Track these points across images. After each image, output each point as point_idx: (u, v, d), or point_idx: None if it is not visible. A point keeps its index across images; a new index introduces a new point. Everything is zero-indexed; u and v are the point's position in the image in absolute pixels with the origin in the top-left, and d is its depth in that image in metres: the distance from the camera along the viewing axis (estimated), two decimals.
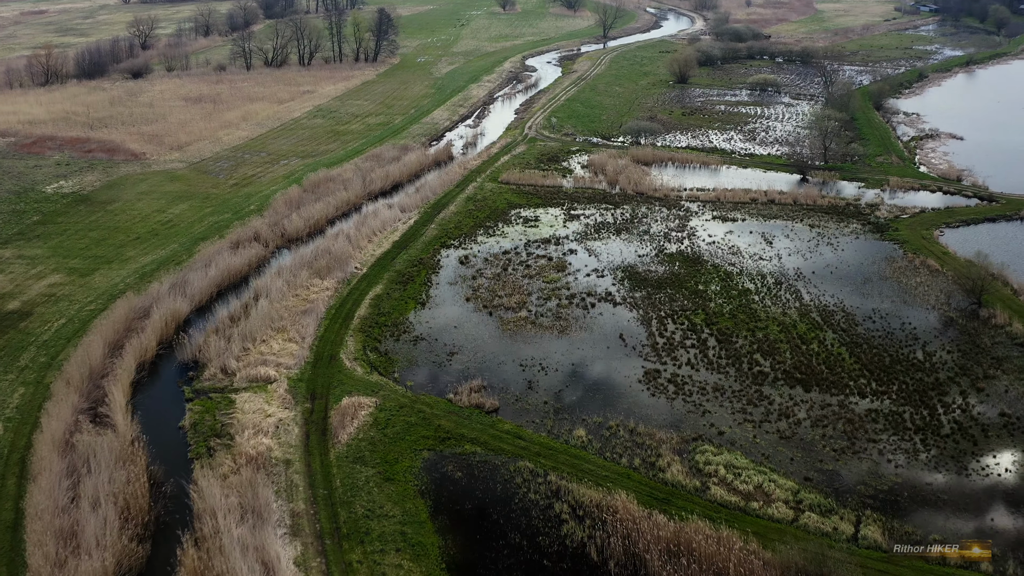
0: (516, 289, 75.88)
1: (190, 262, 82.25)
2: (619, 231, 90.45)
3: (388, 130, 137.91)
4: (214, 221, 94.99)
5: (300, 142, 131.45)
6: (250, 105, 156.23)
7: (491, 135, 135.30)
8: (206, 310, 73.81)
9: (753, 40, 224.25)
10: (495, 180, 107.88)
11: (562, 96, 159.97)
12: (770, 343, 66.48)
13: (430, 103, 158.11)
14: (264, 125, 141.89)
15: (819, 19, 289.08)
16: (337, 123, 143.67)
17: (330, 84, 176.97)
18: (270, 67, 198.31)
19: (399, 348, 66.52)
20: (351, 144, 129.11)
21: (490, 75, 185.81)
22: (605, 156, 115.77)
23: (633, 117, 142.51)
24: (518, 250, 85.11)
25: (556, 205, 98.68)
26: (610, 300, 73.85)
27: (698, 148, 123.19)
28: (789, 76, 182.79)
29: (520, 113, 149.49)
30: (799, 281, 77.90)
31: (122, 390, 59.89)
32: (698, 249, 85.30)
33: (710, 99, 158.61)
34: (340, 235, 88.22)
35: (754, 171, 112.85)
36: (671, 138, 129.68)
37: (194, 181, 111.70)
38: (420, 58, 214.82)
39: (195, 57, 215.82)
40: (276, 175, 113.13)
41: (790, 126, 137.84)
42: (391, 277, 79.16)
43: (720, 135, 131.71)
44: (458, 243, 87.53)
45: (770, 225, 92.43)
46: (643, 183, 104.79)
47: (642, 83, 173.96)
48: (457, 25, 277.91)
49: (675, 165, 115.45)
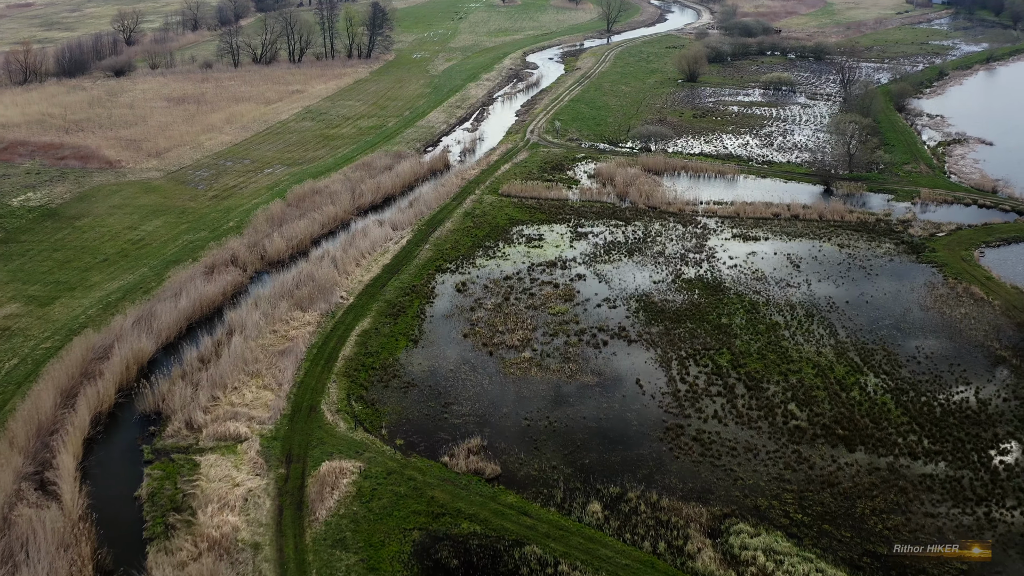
0: (519, 323, 68.82)
1: (159, 290, 75.20)
2: (631, 252, 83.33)
3: (381, 134, 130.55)
4: (189, 240, 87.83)
5: (287, 148, 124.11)
6: (235, 106, 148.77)
7: (491, 140, 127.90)
8: (174, 348, 66.81)
9: (763, 35, 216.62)
10: (495, 192, 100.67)
11: (565, 96, 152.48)
12: (806, 390, 59.49)
13: (426, 104, 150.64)
14: (249, 129, 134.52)
15: (829, 12, 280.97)
16: (327, 126, 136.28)
17: (321, 83, 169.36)
18: (259, 64, 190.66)
19: (388, 396, 59.48)
20: (341, 150, 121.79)
21: (489, 73, 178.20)
22: (613, 165, 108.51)
23: (641, 120, 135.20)
24: (521, 275, 78.02)
25: (561, 221, 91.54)
26: (624, 337, 66.81)
27: (712, 155, 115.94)
28: (803, 74, 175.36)
29: (521, 115, 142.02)
30: (832, 312, 70.87)
31: (73, 451, 53.01)
32: (719, 274, 78.21)
33: (722, 99, 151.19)
34: (325, 258, 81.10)
35: (774, 181, 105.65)
36: (683, 143, 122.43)
37: (171, 193, 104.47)
38: (416, 54, 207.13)
39: (181, 54, 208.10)
40: (259, 186, 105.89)
41: (808, 130, 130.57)
42: (380, 308, 72.05)
43: (735, 140, 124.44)
44: (455, 266, 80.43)
45: (796, 245, 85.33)
46: (655, 195, 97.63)
47: (649, 81, 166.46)
48: (455, 18, 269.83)
49: (689, 174, 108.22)
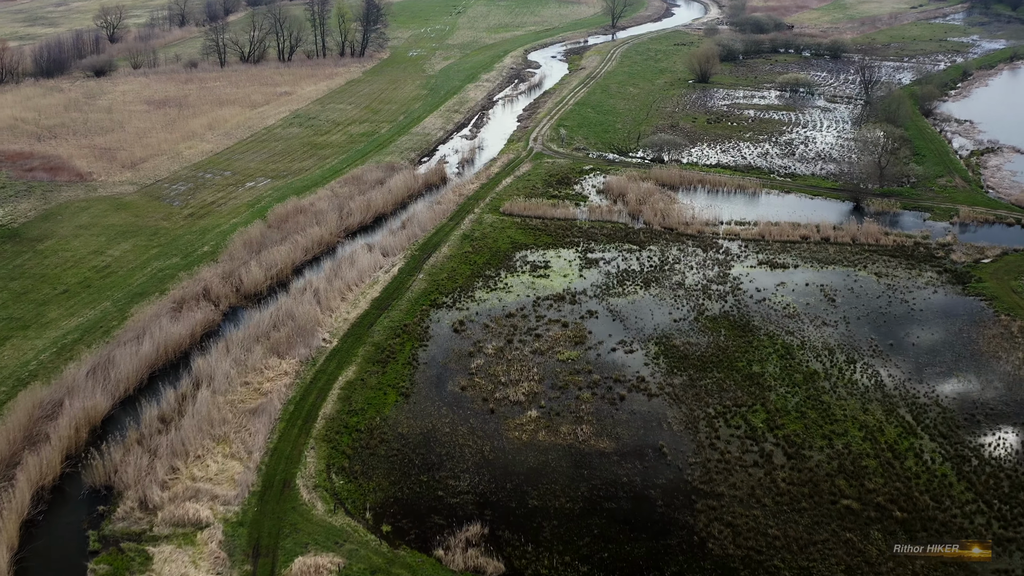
0: (524, 373, 61.42)
1: (120, 331, 67.77)
2: (647, 283, 75.87)
3: (373, 142, 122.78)
4: (158, 268, 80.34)
5: (271, 158, 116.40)
6: (219, 110, 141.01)
7: (491, 149, 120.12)
8: (133, 403, 59.45)
9: (776, 31, 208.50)
10: (496, 210, 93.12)
11: (570, 99, 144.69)
12: (854, 459, 52.12)
13: (422, 107, 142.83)
14: (232, 136, 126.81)
15: (842, 6, 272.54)
16: (315, 133, 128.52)
17: (311, 84, 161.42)
18: (247, 63, 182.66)
19: (374, 467, 52.11)
20: (329, 160, 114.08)
21: (489, 73, 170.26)
22: (624, 178, 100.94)
23: (652, 125, 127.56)
24: (525, 311, 70.58)
25: (569, 245, 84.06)
26: (643, 390, 59.41)
27: (730, 167, 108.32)
28: (820, 73, 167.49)
29: (524, 120, 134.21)
30: (876, 358, 63.49)
31: (7, 540, 45.74)
32: (746, 309, 70.77)
33: (736, 102, 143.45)
34: (307, 290, 73.61)
35: (799, 197, 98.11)
36: (698, 152, 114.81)
37: (144, 210, 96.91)
38: (412, 52, 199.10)
39: (165, 52, 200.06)
40: (239, 202, 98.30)
41: (831, 137, 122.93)
42: (367, 354, 64.58)
43: (753, 148, 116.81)
44: (451, 300, 72.95)
45: (828, 274, 77.85)
46: (671, 214, 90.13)
47: (658, 82, 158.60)
48: (453, 13, 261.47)
49: (706, 189, 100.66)
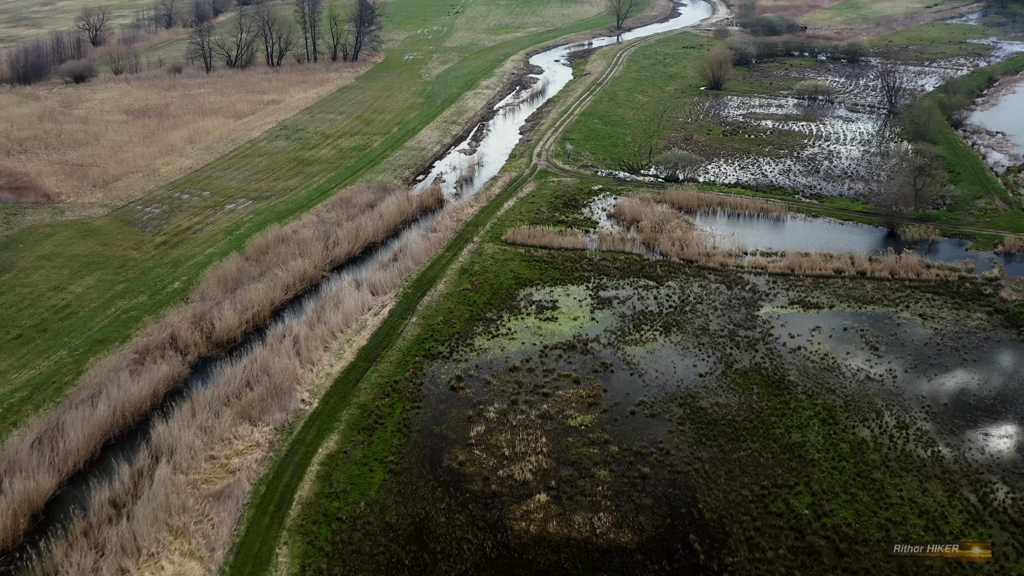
0: (530, 443, 54.08)
1: (74, 388, 60.48)
2: (667, 328, 68.51)
3: (364, 157, 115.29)
4: (123, 309, 72.96)
5: (254, 176, 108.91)
6: (202, 121, 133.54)
7: (491, 166, 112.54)
8: (82, 480, 52.21)
9: (789, 33, 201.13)
10: (497, 239, 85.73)
11: (576, 108, 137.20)
12: (917, 561, 44.83)
13: (417, 118, 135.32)
14: (214, 150, 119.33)
15: (854, 6, 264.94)
16: (303, 147, 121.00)
17: (300, 91, 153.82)
18: (233, 68, 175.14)
19: (357, 568, 44.72)
20: (316, 179, 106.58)
21: (489, 78, 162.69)
22: (637, 201, 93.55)
23: (664, 138, 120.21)
24: (531, 364, 63.22)
25: (579, 280, 76.68)
26: (668, 466, 51.99)
27: (751, 186, 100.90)
28: (838, 79, 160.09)
29: (526, 132, 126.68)
30: (931, 421, 56.15)
31: None
32: (780, 361, 63.43)
33: (752, 112, 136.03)
34: (286, 338, 66.25)
35: (828, 222, 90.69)
36: (715, 170, 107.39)
37: (113, 237, 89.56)
38: (408, 55, 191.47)
39: (150, 55, 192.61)
40: (217, 228, 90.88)
41: (856, 151, 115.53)
42: (352, 418, 57.20)
43: (774, 165, 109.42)
44: (448, 350, 65.59)
45: (868, 316, 70.48)
46: (690, 243, 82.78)
47: (669, 89, 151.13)
48: (451, 13, 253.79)
49: (726, 213, 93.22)
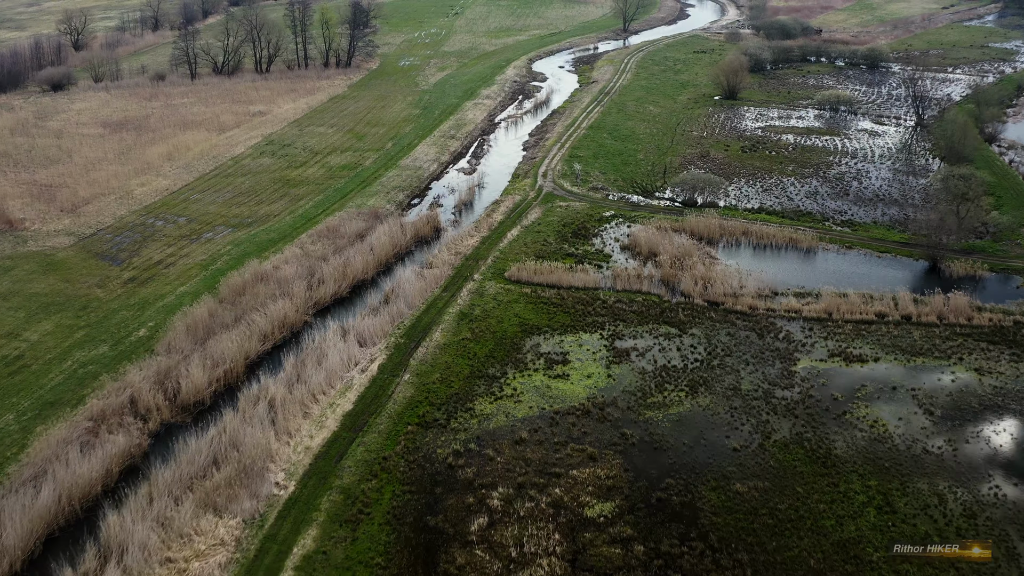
0: (541, 541, 46.30)
1: (17, 465, 52.87)
2: (694, 387, 60.85)
3: (355, 178, 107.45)
4: (81, 361, 65.31)
5: (235, 199, 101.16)
6: (183, 135, 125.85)
7: (493, 188, 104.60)
8: None
9: (804, 36, 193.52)
10: (500, 275, 78.02)
11: (583, 121, 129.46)
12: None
13: (413, 132, 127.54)
14: (193, 169, 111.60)
15: (868, 7, 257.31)
16: (289, 165, 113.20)
17: (289, 101, 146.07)
18: (220, 75, 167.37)
19: None
20: (303, 203, 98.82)
21: (489, 87, 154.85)
22: (653, 229, 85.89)
23: (679, 155, 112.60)
24: (540, 434, 55.57)
25: (592, 327, 68.98)
26: (703, 574, 44.41)
27: (776, 212, 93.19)
28: (858, 86, 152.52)
29: (530, 149, 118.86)
30: (999, 507, 48.39)
31: None
32: (824, 430, 55.70)
33: (771, 124, 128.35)
34: (261, 402, 58.56)
35: (864, 255, 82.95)
36: (736, 192, 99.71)
37: (77, 272, 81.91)
38: (404, 60, 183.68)
39: (133, 61, 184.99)
40: (191, 262, 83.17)
41: (885, 169, 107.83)
42: (333, 507, 49.44)
43: (799, 186, 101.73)
44: (445, 416, 57.92)
45: (918, 372, 62.76)
46: (714, 281, 75.10)
47: (681, 99, 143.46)
48: (450, 14, 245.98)
49: (752, 244, 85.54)
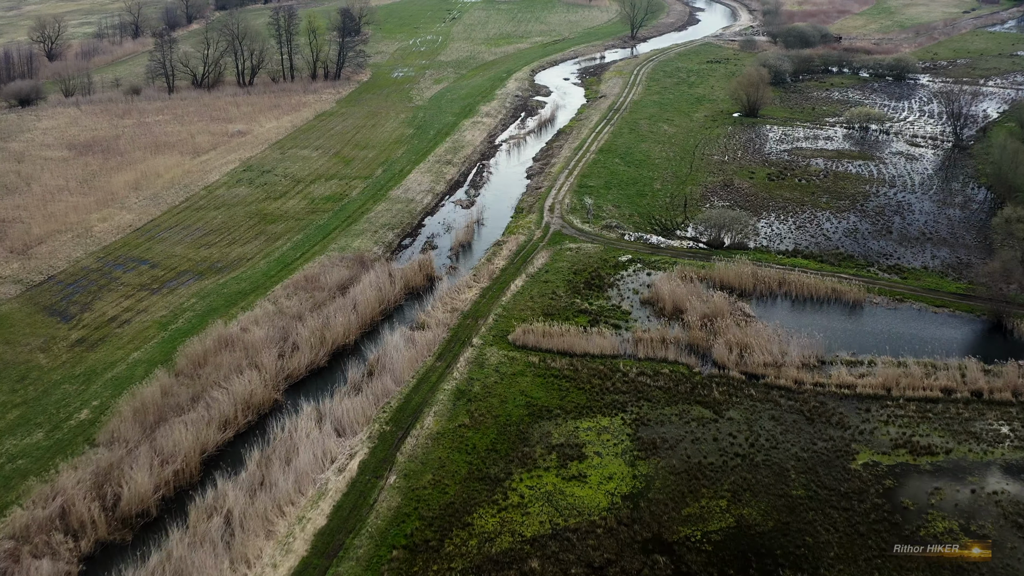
0: None
1: None
2: (736, 494, 50.77)
3: (339, 212, 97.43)
4: (9, 454, 55.58)
5: (205, 238, 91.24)
6: (153, 159, 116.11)
7: (494, 224, 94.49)
8: None
9: (823, 44, 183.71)
10: (503, 339, 68.15)
11: (592, 143, 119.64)
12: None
13: (406, 155, 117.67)
14: (162, 200, 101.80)
15: (886, 10, 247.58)
16: (268, 195, 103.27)
17: (272, 118, 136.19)
18: (200, 88, 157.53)
19: None
20: (279, 244, 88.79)
21: (489, 102, 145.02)
22: (677, 281, 75.98)
23: (699, 183, 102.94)
24: (552, 562, 45.67)
25: (611, 408, 59.13)
26: None
27: (814, 255, 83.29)
28: (886, 101, 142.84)
29: (535, 176, 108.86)
30: None
31: None
32: (904, 563, 45.96)
33: (798, 146, 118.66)
34: (215, 516, 48.79)
35: (917, 309, 72.98)
36: (766, 229, 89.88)
37: (20, 330, 72.17)
38: (397, 71, 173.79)
39: (108, 73, 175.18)
40: (149, 319, 73.31)
41: (929, 202, 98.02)
42: None
43: (835, 222, 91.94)
44: (438, 536, 48.08)
45: (1001, 469, 52.95)
46: (751, 347, 65.26)
47: (697, 116, 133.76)
48: (447, 20, 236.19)
49: (790, 297, 75.63)
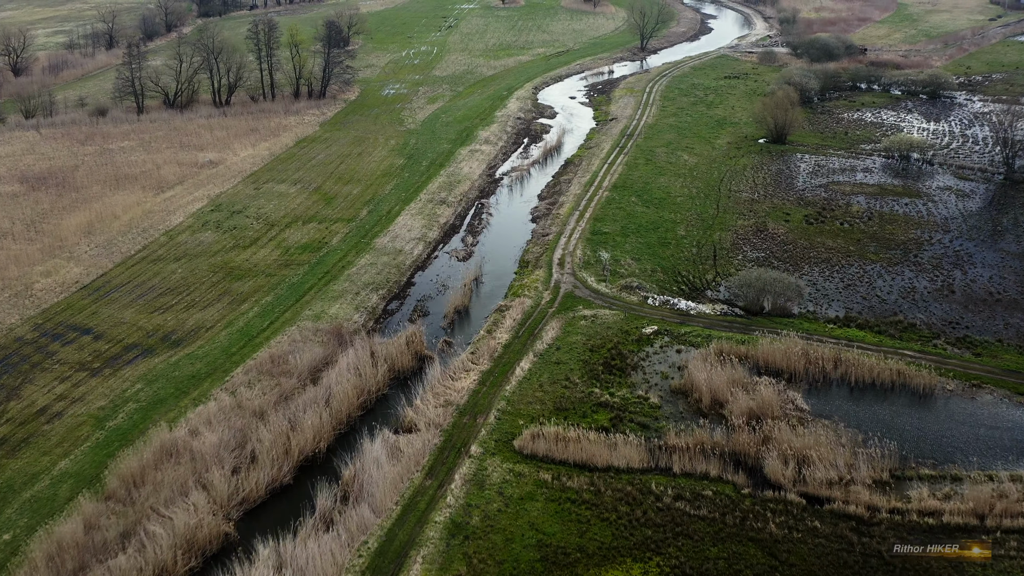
0: None
1: None
2: None
3: (317, 266, 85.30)
4: None
5: (160, 299, 79.35)
6: (112, 196, 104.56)
7: (495, 282, 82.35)
8: None
9: (848, 57, 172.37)
10: (508, 446, 56.51)
11: (604, 178, 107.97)
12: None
13: (395, 192, 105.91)
14: (116, 249, 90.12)
15: (908, 17, 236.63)
16: (236, 243, 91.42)
17: (248, 145, 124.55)
18: (172, 108, 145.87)
19: None
20: (245, 309, 76.81)
21: (488, 126, 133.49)
22: (713, 362, 64.19)
23: (728, 227, 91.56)
24: None
25: (642, 550, 47.44)
26: None
27: (870, 324, 71.50)
28: (924, 123, 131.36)
29: (541, 219, 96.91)
30: None
31: None
32: None
33: (834, 179, 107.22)
34: None
35: (998, 398, 61.27)
36: (811, 289, 78.20)
37: None
38: (388, 88, 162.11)
39: (73, 91, 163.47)
40: (85, 413, 61.51)
41: (990, 252, 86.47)
42: None
43: (888, 278, 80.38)
44: None
45: None
46: (810, 458, 53.59)
47: (719, 143, 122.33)
48: (443, 28, 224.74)
49: (848, 384, 63.98)
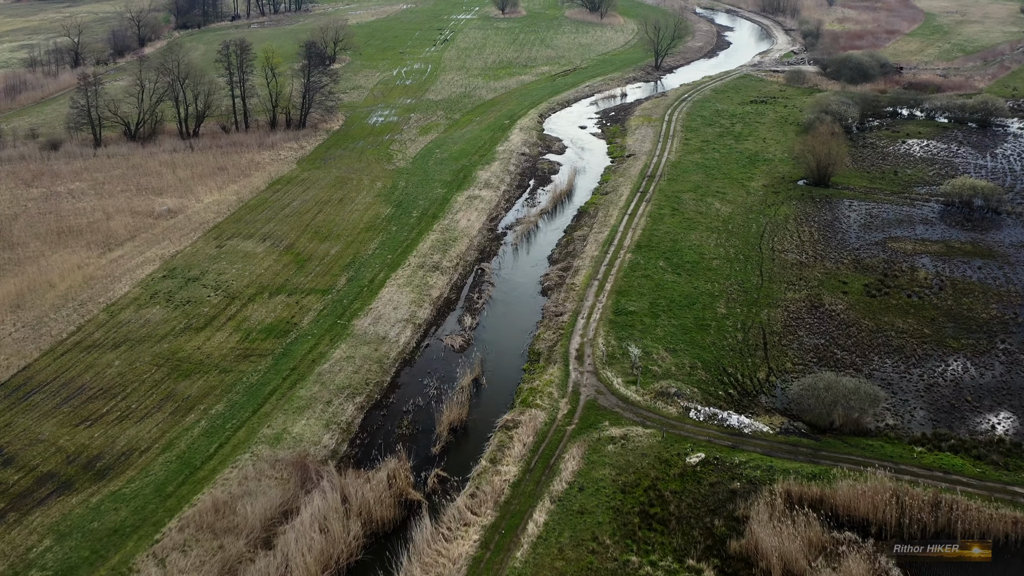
0: None
1: None
2: None
3: (282, 358, 70.78)
4: None
5: (89, 405, 65.39)
6: (51, 256, 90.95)
7: (499, 383, 67.83)
8: None
9: (883, 77, 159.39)
10: None
11: (626, 234, 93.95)
12: None
13: (379, 253, 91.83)
14: (45, 330, 76.24)
15: (938, 29, 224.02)
16: (188, 324, 77.24)
17: (213, 189, 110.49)
18: (133, 141, 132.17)
19: None
20: (189, 423, 62.76)
21: (489, 165, 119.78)
22: (784, 520, 50.57)
23: (777, 302, 78.10)
24: None
25: None
26: None
27: (965, 444, 57.82)
28: (978, 159, 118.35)
29: (553, 291, 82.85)
30: None
31: None
32: None
33: (891, 234, 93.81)
34: None
35: None
36: (883, 390, 64.66)
37: None
38: (376, 116, 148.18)
39: (25, 118, 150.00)
40: None
41: None
42: None
43: (977, 375, 66.70)
44: None
45: None
46: None
47: (754, 186, 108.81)
48: (437, 42, 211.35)
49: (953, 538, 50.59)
